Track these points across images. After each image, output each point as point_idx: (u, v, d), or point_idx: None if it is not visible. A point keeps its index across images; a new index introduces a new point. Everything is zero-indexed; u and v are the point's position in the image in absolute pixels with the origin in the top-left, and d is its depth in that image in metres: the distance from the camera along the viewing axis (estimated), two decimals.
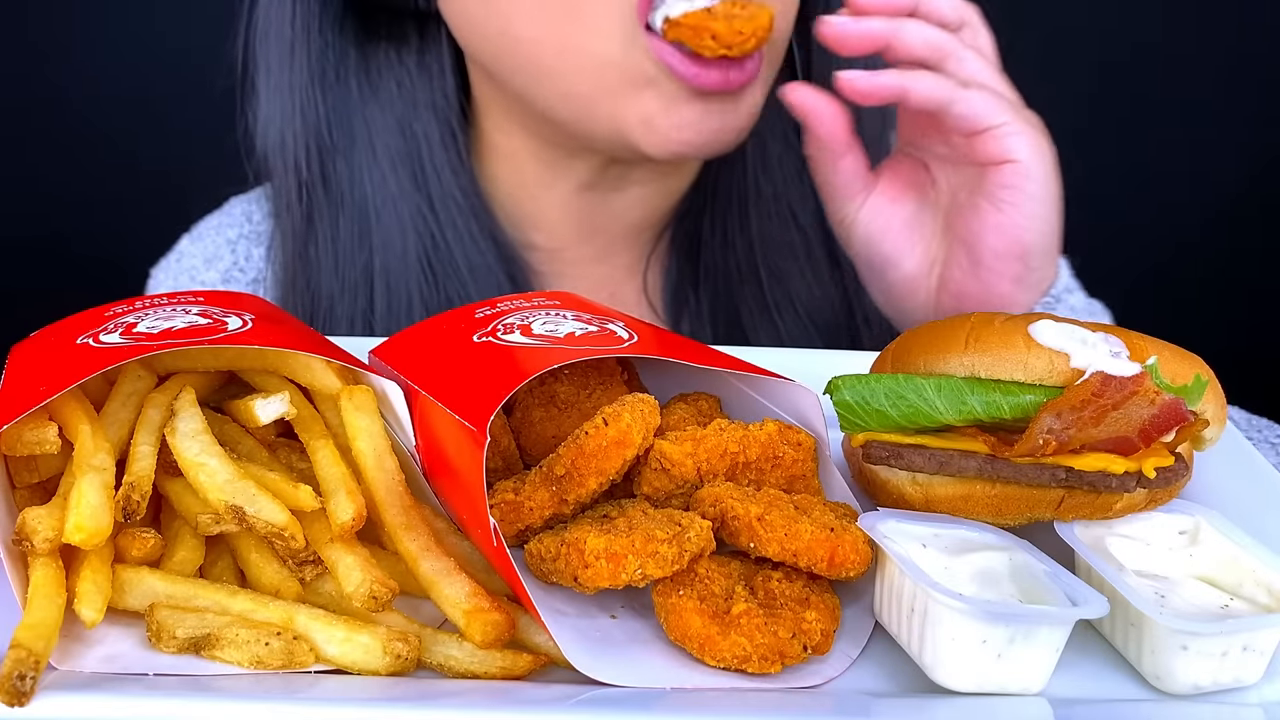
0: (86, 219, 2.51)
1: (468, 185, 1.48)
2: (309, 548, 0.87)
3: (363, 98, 1.47)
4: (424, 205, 1.46)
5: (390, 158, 1.47)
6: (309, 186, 1.46)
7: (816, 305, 1.53)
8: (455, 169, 1.47)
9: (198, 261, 1.62)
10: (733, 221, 1.52)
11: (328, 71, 1.45)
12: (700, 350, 1.04)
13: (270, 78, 1.45)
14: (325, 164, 1.46)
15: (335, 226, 1.46)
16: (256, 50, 1.45)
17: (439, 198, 1.46)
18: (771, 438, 0.96)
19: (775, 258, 1.52)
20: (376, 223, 1.46)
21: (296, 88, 1.44)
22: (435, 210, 1.46)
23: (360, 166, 1.47)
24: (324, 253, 1.47)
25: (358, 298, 1.46)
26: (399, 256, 1.46)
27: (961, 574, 0.87)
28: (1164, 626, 0.82)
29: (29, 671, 0.74)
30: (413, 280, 1.45)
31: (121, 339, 0.95)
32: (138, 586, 0.84)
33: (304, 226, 1.47)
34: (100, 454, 0.86)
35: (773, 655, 0.83)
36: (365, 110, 1.47)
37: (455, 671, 0.83)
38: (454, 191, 1.47)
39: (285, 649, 0.81)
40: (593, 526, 0.88)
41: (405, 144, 1.47)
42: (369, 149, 1.47)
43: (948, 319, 1.00)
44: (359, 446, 0.93)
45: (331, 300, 1.46)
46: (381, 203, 1.46)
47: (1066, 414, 0.89)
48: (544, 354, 0.94)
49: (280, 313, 1.13)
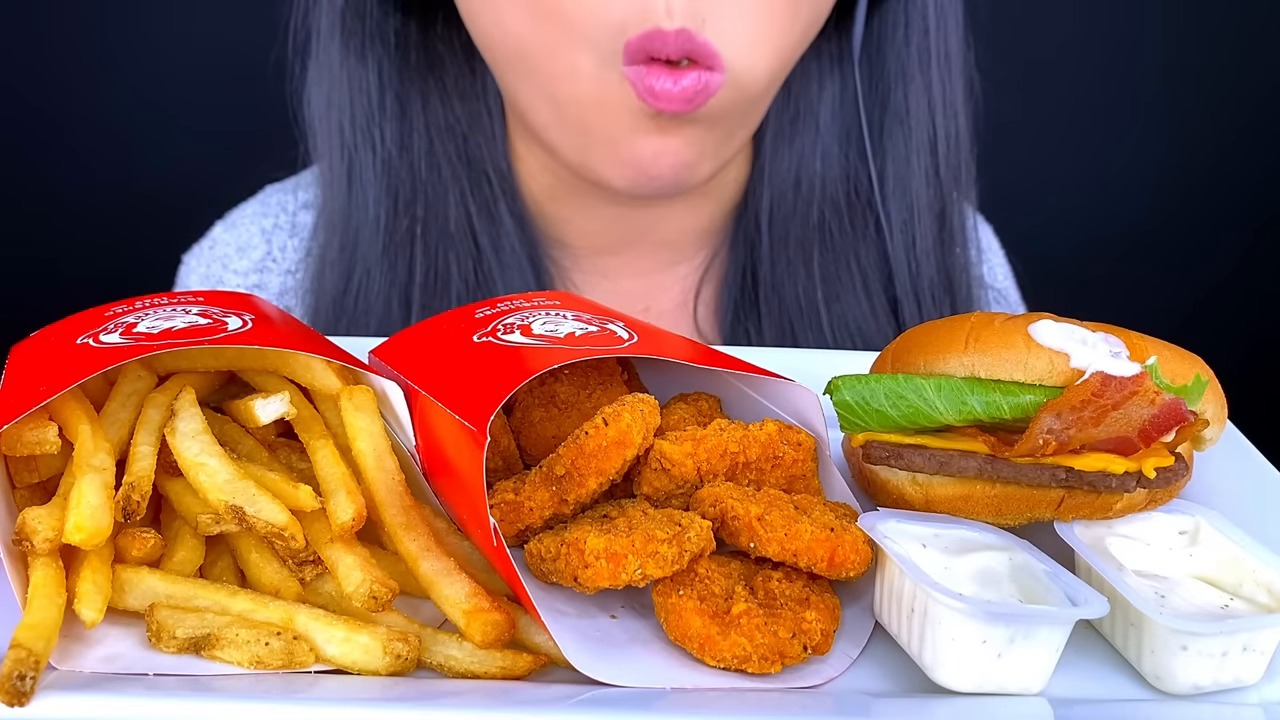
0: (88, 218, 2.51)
1: (502, 166, 1.48)
2: (309, 548, 0.87)
3: (419, 70, 1.48)
4: (465, 179, 1.48)
5: (439, 129, 1.48)
6: (353, 150, 1.46)
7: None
8: (492, 149, 1.48)
9: (230, 250, 1.62)
10: (796, 258, 1.51)
11: (386, 41, 1.46)
12: (700, 350, 1.04)
13: (321, 44, 1.46)
14: (371, 128, 1.46)
15: (379, 191, 1.47)
16: (310, 15, 1.47)
17: (476, 175, 1.48)
18: (771, 438, 0.96)
19: (837, 294, 1.51)
20: (421, 191, 1.47)
21: (349, 54, 1.45)
22: (472, 186, 1.48)
23: (410, 133, 1.47)
24: (363, 220, 1.47)
25: (397, 264, 1.46)
26: (440, 226, 1.46)
27: (961, 574, 0.87)
28: (1164, 626, 0.82)
29: (29, 671, 0.74)
30: (452, 250, 1.46)
31: (121, 339, 0.95)
32: (138, 586, 0.84)
33: (345, 190, 1.47)
34: (100, 454, 0.86)
35: (773, 655, 0.83)
36: (422, 82, 1.48)
37: (455, 671, 0.83)
38: (488, 170, 1.48)
39: (285, 649, 0.81)
40: (593, 526, 0.88)
41: (453, 118, 1.48)
42: (421, 118, 1.47)
43: (947, 319, 1.00)
44: (359, 446, 0.93)
45: (369, 267, 1.46)
46: (427, 173, 1.47)
47: (1066, 414, 0.89)
48: (544, 354, 0.94)
49: (280, 313, 1.13)
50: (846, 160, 1.50)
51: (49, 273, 2.37)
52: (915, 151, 1.50)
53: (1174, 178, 2.63)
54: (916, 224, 1.51)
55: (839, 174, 1.50)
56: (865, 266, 1.52)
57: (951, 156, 1.51)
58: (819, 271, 1.50)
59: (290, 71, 1.50)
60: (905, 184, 1.50)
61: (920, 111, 1.48)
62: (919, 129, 1.49)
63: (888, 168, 1.50)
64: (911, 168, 1.50)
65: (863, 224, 1.51)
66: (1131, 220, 2.64)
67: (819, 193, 1.50)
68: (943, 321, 1.00)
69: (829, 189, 1.50)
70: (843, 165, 1.50)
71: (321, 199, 1.51)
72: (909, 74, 1.47)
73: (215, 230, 1.65)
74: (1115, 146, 2.60)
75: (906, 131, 1.49)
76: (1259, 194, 2.64)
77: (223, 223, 1.66)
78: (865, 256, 1.52)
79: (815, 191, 1.50)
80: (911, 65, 1.47)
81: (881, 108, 1.49)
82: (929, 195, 1.51)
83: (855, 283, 1.51)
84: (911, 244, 1.51)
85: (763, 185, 1.50)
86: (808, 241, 1.50)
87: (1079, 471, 0.91)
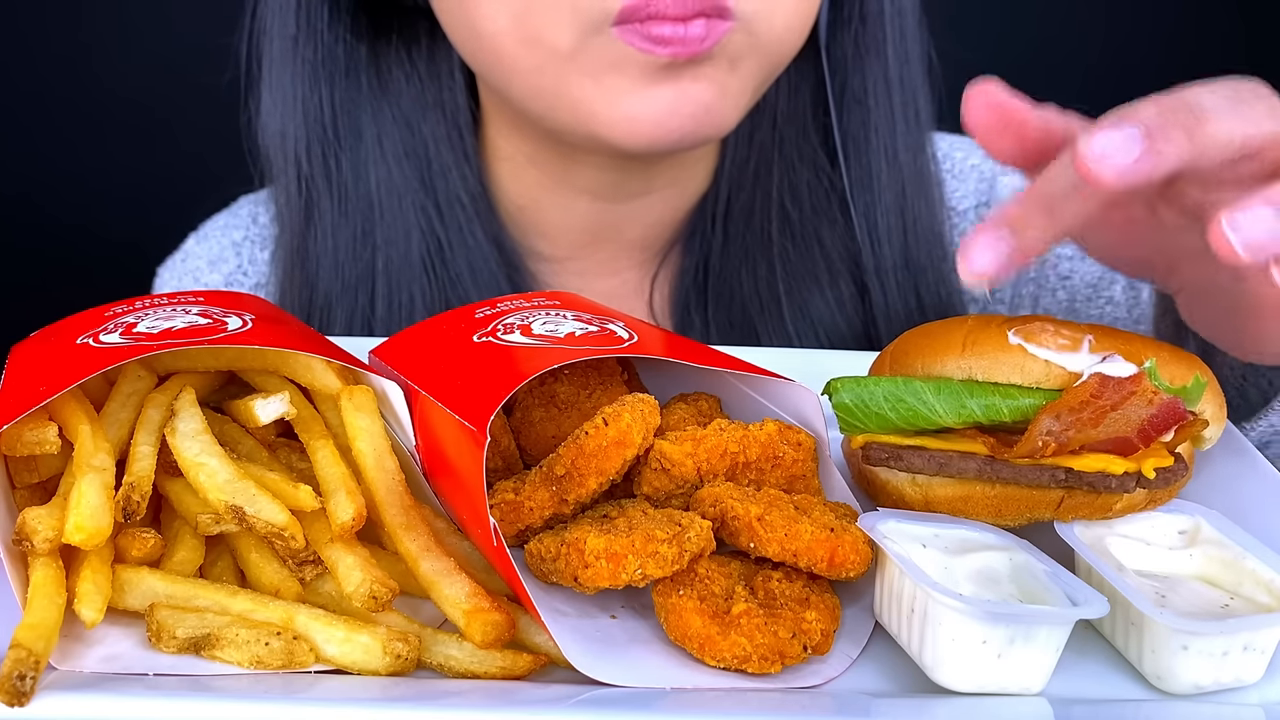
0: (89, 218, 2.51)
1: (474, 188, 1.46)
2: (309, 548, 0.87)
3: (372, 93, 1.45)
4: (430, 206, 1.45)
5: (398, 155, 1.45)
6: (309, 180, 1.44)
7: (840, 334, 1.50)
8: (462, 171, 1.46)
9: (202, 263, 1.61)
10: (754, 245, 1.49)
11: (336, 65, 1.43)
12: (700, 350, 1.04)
13: (273, 69, 1.43)
14: (327, 158, 1.44)
15: (337, 222, 1.45)
16: (260, 42, 1.44)
17: (445, 199, 1.45)
18: (771, 438, 0.96)
19: (798, 284, 1.49)
20: (380, 220, 1.45)
21: (301, 79, 1.42)
22: (441, 211, 1.45)
23: (365, 162, 1.45)
24: (323, 250, 1.45)
25: (358, 296, 1.44)
26: (402, 256, 1.44)
27: (961, 574, 0.87)
28: (1164, 626, 0.82)
29: (29, 671, 0.74)
30: (415, 281, 1.44)
31: (121, 339, 0.95)
32: (138, 586, 0.84)
33: (303, 222, 1.45)
34: (100, 454, 0.86)
35: (773, 655, 0.83)
36: (374, 106, 1.45)
37: (455, 671, 0.83)
38: (460, 193, 1.45)
39: (285, 649, 0.81)
40: (593, 526, 0.88)
41: (414, 142, 1.46)
42: (376, 145, 1.45)
43: (944, 321, 1.00)
44: (359, 446, 0.93)
45: (330, 300, 1.45)
46: (386, 200, 1.44)
47: (1065, 415, 0.89)
48: (544, 354, 0.94)
49: (280, 313, 1.13)
50: (806, 144, 1.48)
51: (49, 273, 2.38)
52: (874, 129, 1.48)
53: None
54: (878, 202, 1.49)
55: (796, 159, 1.49)
56: (829, 253, 1.50)
57: (912, 134, 1.50)
58: (779, 261, 1.48)
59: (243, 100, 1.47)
60: (865, 163, 1.49)
61: (878, 92, 1.47)
62: (878, 108, 1.48)
63: (849, 147, 1.48)
64: (872, 145, 1.48)
65: (825, 210, 1.50)
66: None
67: (776, 180, 1.49)
68: (940, 324, 1.00)
69: (788, 176, 1.49)
70: (800, 150, 1.48)
71: (279, 230, 1.49)
72: (865, 56, 1.47)
73: (188, 243, 1.65)
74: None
75: (865, 111, 1.48)
76: None
77: (195, 235, 1.65)
78: (829, 243, 1.50)
79: (773, 179, 1.48)
80: (868, 48, 1.46)
81: (841, 90, 1.48)
82: (889, 173, 1.49)
83: (818, 270, 1.49)
84: (875, 224, 1.49)
85: (728, 172, 1.49)
86: (765, 231, 1.49)
87: (1078, 472, 0.91)
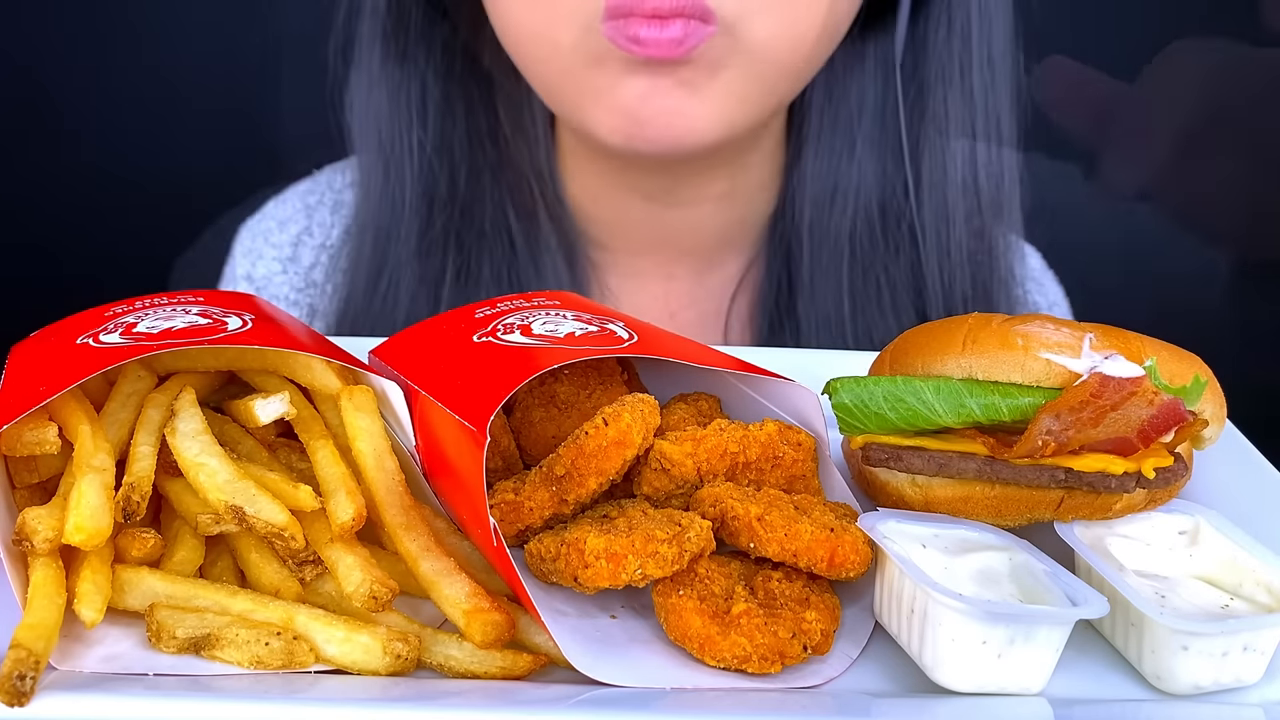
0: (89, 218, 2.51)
1: (545, 172, 1.49)
2: (309, 548, 0.87)
3: (463, 76, 1.49)
4: (507, 185, 1.49)
5: (482, 134, 1.49)
6: (390, 151, 1.48)
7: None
8: (535, 157, 1.49)
9: (273, 223, 1.65)
10: (830, 269, 1.49)
11: (432, 45, 1.47)
12: (700, 350, 1.04)
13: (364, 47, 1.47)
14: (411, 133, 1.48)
15: (415, 193, 1.48)
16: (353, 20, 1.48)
17: (519, 181, 1.49)
18: (771, 438, 0.96)
19: (861, 306, 1.50)
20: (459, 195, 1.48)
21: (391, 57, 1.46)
22: (517, 192, 1.49)
23: (451, 137, 1.49)
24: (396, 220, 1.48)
25: (430, 263, 1.47)
26: (476, 227, 1.48)
27: (961, 574, 0.87)
28: (1164, 626, 0.82)
29: (29, 671, 0.74)
30: (487, 251, 1.47)
31: (121, 339, 0.95)
32: (138, 586, 0.84)
33: (381, 191, 1.49)
34: (100, 454, 0.86)
35: (773, 655, 0.83)
36: (464, 89, 1.49)
37: (455, 671, 0.83)
38: (529, 176, 1.48)
39: (285, 649, 0.81)
40: (593, 526, 0.88)
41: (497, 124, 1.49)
42: (462, 123, 1.49)
43: (944, 320, 1.00)
44: (359, 446, 0.93)
45: (400, 267, 1.47)
46: (466, 176, 1.48)
47: (1065, 415, 0.89)
48: (544, 354, 0.94)
49: (280, 313, 1.13)
50: (883, 170, 1.48)
51: (49, 273, 2.37)
52: (952, 160, 1.47)
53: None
54: (950, 234, 1.48)
55: (873, 184, 1.49)
56: (894, 280, 1.50)
57: (993, 167, 1.48)
58: (847, 284, 1.49)
59: (332, 72, 1.51)
60: (941, 193, 1.48)
61: (960, 118, 1.46)
62: (957, 136, 1.47)
63: (923, 176, 1.47)
64: (949, 176, 1.47)
65: (895, 236, 1.50)
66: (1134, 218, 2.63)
67: (852, 203, 1.48)
68: (940, 323, 1.00)
69: (862, 199, 1.49)
70: (878, 175, 1.48)
71: (357, 199, 1.53)
72: (949, 79, 1.45)
73: (268, 205, 1.68)
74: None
75: (945, 139, 1.47)
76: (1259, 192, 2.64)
77: (276, 198, 1.69)
78: (895, 270, 1.50)
79: (849, 201, 1.48)
80: (953, 69, 1.44)
81: (920, 114, 1.47)
82: (966, 206, 1.48)
83: (882, 296, 1.50)
84: (946, 255, 1.49)
85: (802, 195, 1.49)
86: (838, 253, 1.49)
87: (1078, 472, 0.91)
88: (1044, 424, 0.89)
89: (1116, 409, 0.89)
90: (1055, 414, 0.89)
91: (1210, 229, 1.58)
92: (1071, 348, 0.92)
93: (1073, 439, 0.89)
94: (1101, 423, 0.89)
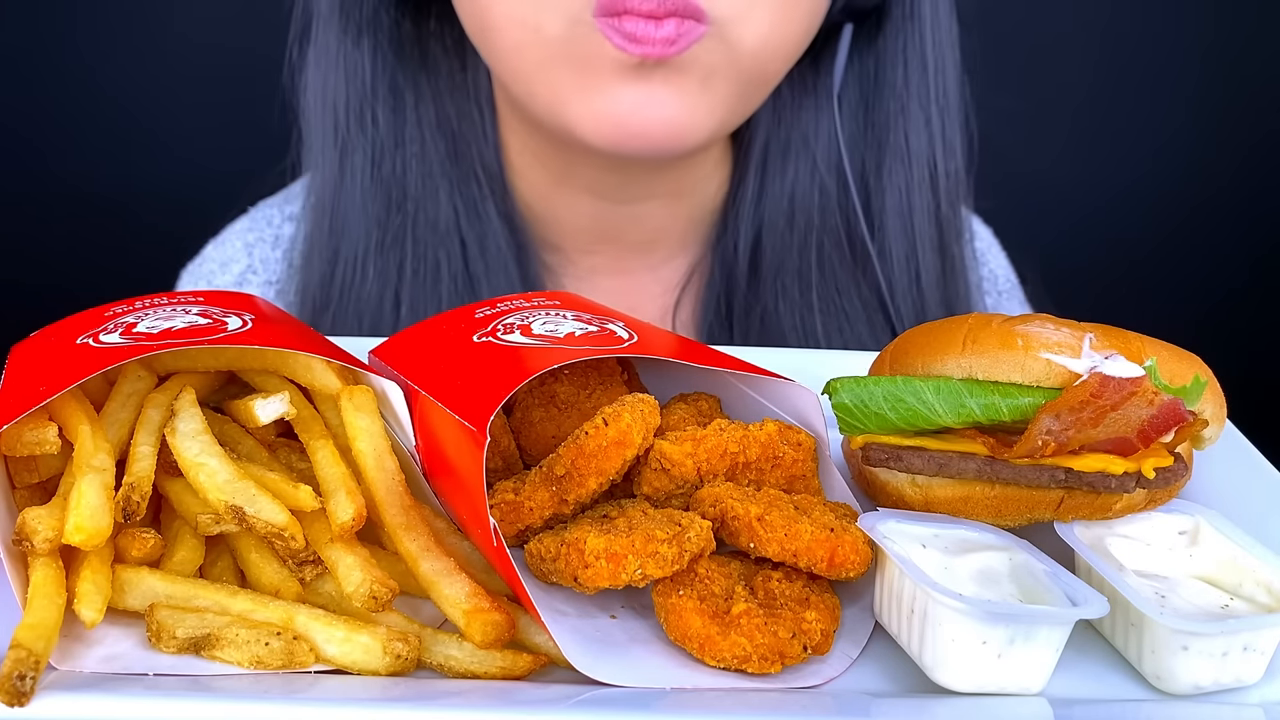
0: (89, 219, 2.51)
1: (492, 167, 1.49)
2: (309, 548, 0.87)
3: (412, 61, 1.48)
4: (455, 180, 1.48)
5: (431, 123, 1.48)
6: (346, 135, 1.47)
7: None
8: (483, 152, 1.48)
9: (215, 266, 1.65)
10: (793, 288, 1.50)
11: (380, 29, 1.46)
12: (700, 350, 1.04)
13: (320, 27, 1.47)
14: (364, 113, 1.47)
15: (370, 181, 1.47)
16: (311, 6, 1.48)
17: (465, 176, 1.48)
18: (771, 438, 0.96)
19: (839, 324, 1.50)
20: (411, 185, 1.47)
21: (347, 37, 1.46)
22: (462, 185, 1.48)
23: (403, 125, 1.48)
24: (351, 204, 1.47)
25: (388, 261, 1.47)
26: (430, 223, 1.47)
27: (961, 574, 0.87)
28: (1164, 626, 0.82)
29: (29, 671, 0.74)
30: (441, 247, 1.47)
31: (121, 339, 0.95)
32: (138, 586, 0.84)
33: (337, 177, 1.48)
34: (100, 454, 0.86)
35: (773, 655, 0.83)
36: (413, 73, 1.48)
37: (455, 671, 0.83)
38: (478, 171, 1.48)
39: (285, 649, 0.81)
40: (593, 526, 0.88)
41: (445, 114, 1.49)
42: (413, 110, 1.48)
43: (944, 320, 1.00)
44: (359, 446, 0.93)
45: (359, 263, 1.47)
46: (419, 167, 1.47)
47: (1065, 415, 0.89)
48: (544, 354, 0.94)
49: (280, 313, 1.13)
50: (845, 194, 1.49)
51: (49, 273, 2.38)
52: (917, 188, 1.49)
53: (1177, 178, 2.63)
54: (921, 258, 1.50)
55: (836, 205, 1.50)
56: (868, 296, 1.51)
57: (951, 189, 1.51)
58: (818, 302, 1.50)
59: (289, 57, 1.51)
60: (907, 219, 1.50)
61: (920, 149, 1.48)
62: (919, 165, 1.49)
63: (887, 204, 1.49)
64: (914, 204, 1.49)
65: (864, 255, 1.51)
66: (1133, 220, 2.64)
67: (818, 223, 1.50)
68: (940, 323, 1.00)
69: (829, 219, 1.50)
70: (840, 199, 1.50)
71: (311, 184, 1.52)
72: (909, 113, 1.47)
73: (207, 248, 1.69)
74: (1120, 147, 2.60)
75: (907, 168, 1.49)
76: (1261, 191, 2.64)
77: (214, 240, 1.69)
78: (868, 286, 1.51)
79: (814, 222, 1.49)
80: (912, 104, 1.47)
81: (879, 146, 1.49)
82: (932, 231, 1.50)
83: (861, 314, 1.51)
84: (916, 278, 1.50)
85: (744, 211, 1.50)
86: (805, 271, 1.50)
87: (1078, 472, 0.91)
88: (1044, 424, 0.89)
89: (1116, 409, 0.89)
90: (1055, 414, 0.89)
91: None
92: (1071, 348, 0.92)
93: (1073, 439, 0.90)
94: (1101, 423, 0.89)
